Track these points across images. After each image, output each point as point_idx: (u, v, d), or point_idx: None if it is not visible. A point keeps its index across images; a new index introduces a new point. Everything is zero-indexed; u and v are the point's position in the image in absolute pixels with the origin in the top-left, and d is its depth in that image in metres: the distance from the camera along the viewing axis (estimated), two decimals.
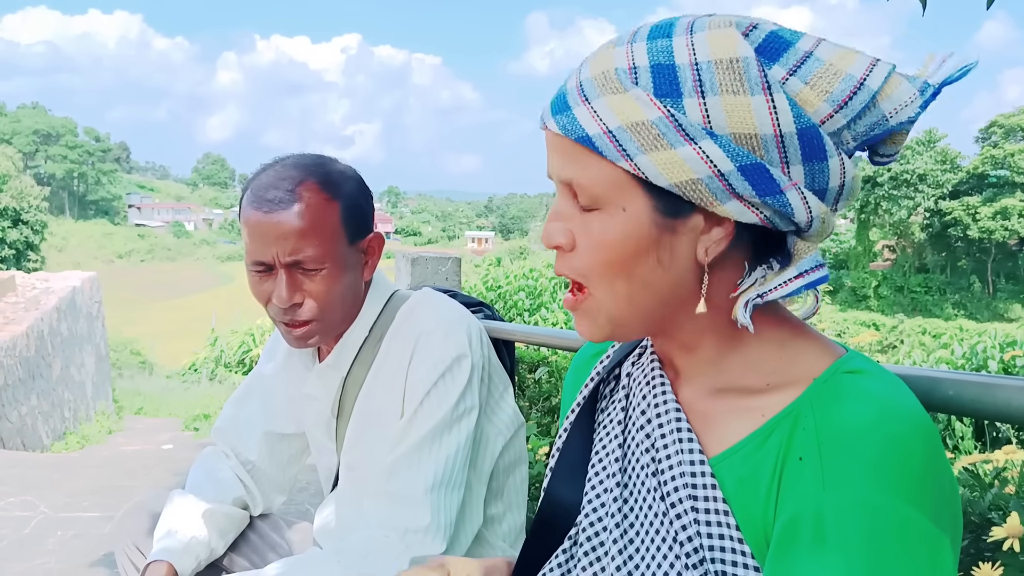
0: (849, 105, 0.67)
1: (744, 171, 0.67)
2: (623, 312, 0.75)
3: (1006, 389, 0.81)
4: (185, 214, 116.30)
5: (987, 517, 1.76)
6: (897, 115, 0.67)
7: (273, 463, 1.60)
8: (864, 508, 0.63)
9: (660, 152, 0.68)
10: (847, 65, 0.67)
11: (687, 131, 0.67)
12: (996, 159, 52.01)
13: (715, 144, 0.67)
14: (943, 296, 53.92)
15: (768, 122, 0.66)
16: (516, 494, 1.50)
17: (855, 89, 0.66)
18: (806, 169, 0.68)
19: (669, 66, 0.68)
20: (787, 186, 0.68)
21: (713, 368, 0.78)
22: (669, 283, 0.73)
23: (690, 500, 0.74)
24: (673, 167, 0.68)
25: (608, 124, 0.69)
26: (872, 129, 0.68)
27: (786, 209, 0.68)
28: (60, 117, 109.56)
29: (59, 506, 4.19)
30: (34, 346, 8.75)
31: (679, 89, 0.67)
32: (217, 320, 19.74)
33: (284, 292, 1.29)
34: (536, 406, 4.39)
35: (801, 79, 0.67)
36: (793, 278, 0.70)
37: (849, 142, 0.69)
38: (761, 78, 0.66)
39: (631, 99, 0.68)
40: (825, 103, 0.67)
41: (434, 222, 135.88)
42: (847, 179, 0.70)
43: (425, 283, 2.87)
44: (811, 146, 0.67)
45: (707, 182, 0.67)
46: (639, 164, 0.68)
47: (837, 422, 0.67)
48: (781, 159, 0.68)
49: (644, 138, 0.68)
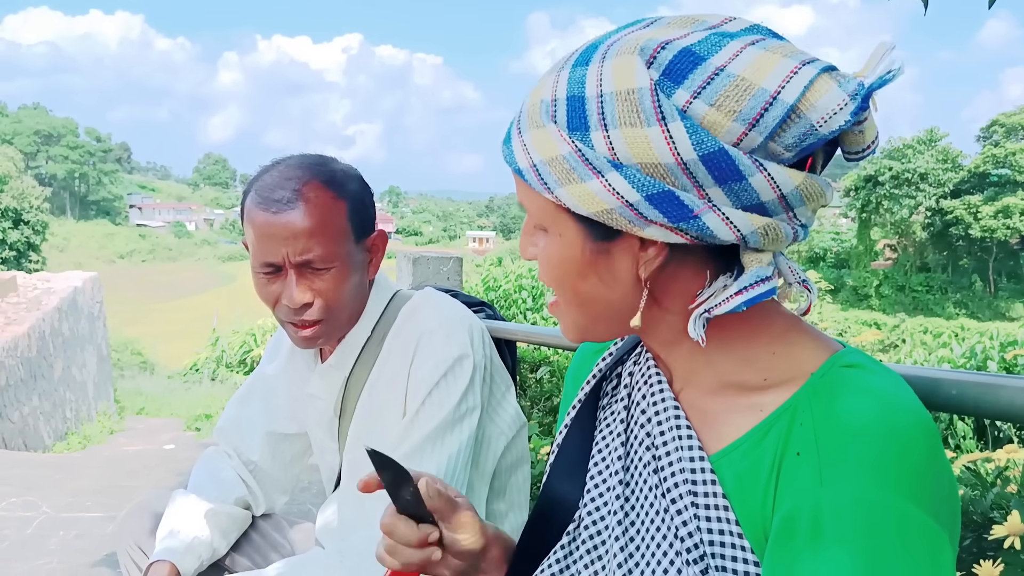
0: (762, 122, 0.65)
1: (652, 199, 0.68)
2: (582, 319, 0.80)
3: (1008, 388, 0.82)
4: (186, 214, 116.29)
5: (989, 516, 1.76)
6: (827, 124, 0.65)
7: (275, 463, 1.60)
8: (862, 503, 0.63)
9: (573, 185, 0.70)
10: (761, 78, 0.64)
11: (594, 164, 0.69)
12: (997, 158, 51.95)
13: (620, 176, 0.68)
14: (944, 295, 53.87)
15: (667, 151, 0.66)
16: (518, 494, 1.51)
17: (767, 105, 0.64)
18: (725, 190, 0.67)
19: (580, 98, 0.70)
20: (701, 209, 0.67)
21: (705, 365, 0.79)
22: (616, 297, 0.76)
23: (690, 496, 0.74)
24: (586, 199, 0.70)
25: (533, 158, 0.73)
26: (803, 139, 0.66)
27: (705, 231, 0.68)
28: (61, 117, 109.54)
29: (61, 506, 4.19)
30: (35, 346, 8.75)
31: (587, 123, 0.69)
32: (218, 320, 19.73)
33: (295, 293, 1.29)
34: (538, 406, 4.40)
35: (706, 101, 0.65)
36: (733, 295, 0.71)
37: (782, 153, 0.67)
38: (655, 109, 0.66)
39: (547, 133, 0.72)
40: (735, 123, 0.65)
41: (435, 222, 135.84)
42: (786, 190, 0.68)
43: (426, 283, 2.87)
44: (720, 169, 0.66)
45: (619, 211, 0.69)
46: (559, 196, 0.72)
47: (834, 417, 0.67)
48: (693, 184, 0.67)
49: (559, 172, 0.71)
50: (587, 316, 0.80)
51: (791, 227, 0.71)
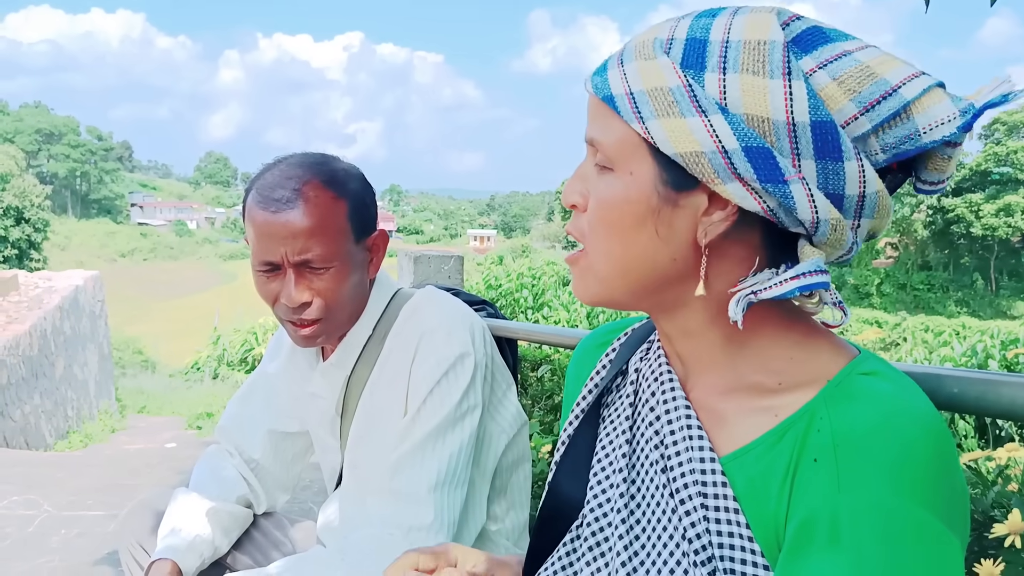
0: (876, 109, 0.65)
1: (749, 152, 0.66)
2: (614, 277, 0.76)
3: (1010, 387, 0.81)
4: (187, 213, 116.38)
5: (989, 514, 1.76)
6: (932, 132, 0.65)
7: (277, 461, 1.60)
8: (879, 510, 0.63)
9: (670, 119, 0.68)
10: (885, 70, 0.65)
11: (700, 103, 0.67)
12: (999, 156, 51.94)
13: (725, 120, 0.66)
14: (946, 293, 53.86)
15: (782, 107, 0.65)
16: (519, 492, 1.51)
17: (886, 93, 0.65)
18: (818, 167, 0.66)
19: (702, 41, 0.68)
20: (792, 177, 0.66)
21: (721, 363, 0.78)
22: (664, 258, 0.73)
23: (700, 497, 0.74)
24: (680, 136, 0.68)
25: (632, 86, 0.70)
26: (903, 143, 0.66)
27: (788, 201, 0.67)
28: (63, 116, 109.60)
29: (63, 505, 4.19)
30: (37, 345, 8.76)
31: (704, 63, 0.68)
32: (220, 318, 19.77)
33: (293, 292, 1.29)
34: (539, 404, 4.40)
35: (830, 74, 0.66)
36: (789, 279, 0.69)
37: (877, 152, 0.67)
38: (783, 63, 0.65)
39: (657, 66, 0.69)
40: (851, 102, 0.65)
41: (436, 220, 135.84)
42: (868, 190, 0.67)
43: (428, 281, 2.87)
44: (824, 141, 0.66)
45: (711, 157, 0.67)
46: (649, 128, 0.69)
47: (853, 424, 0.67)
48: (792, 149, 0.66)
49: (659, 103, 0.69)
50: (623, 273, 0.75)
51: (852, 236, 0.70)
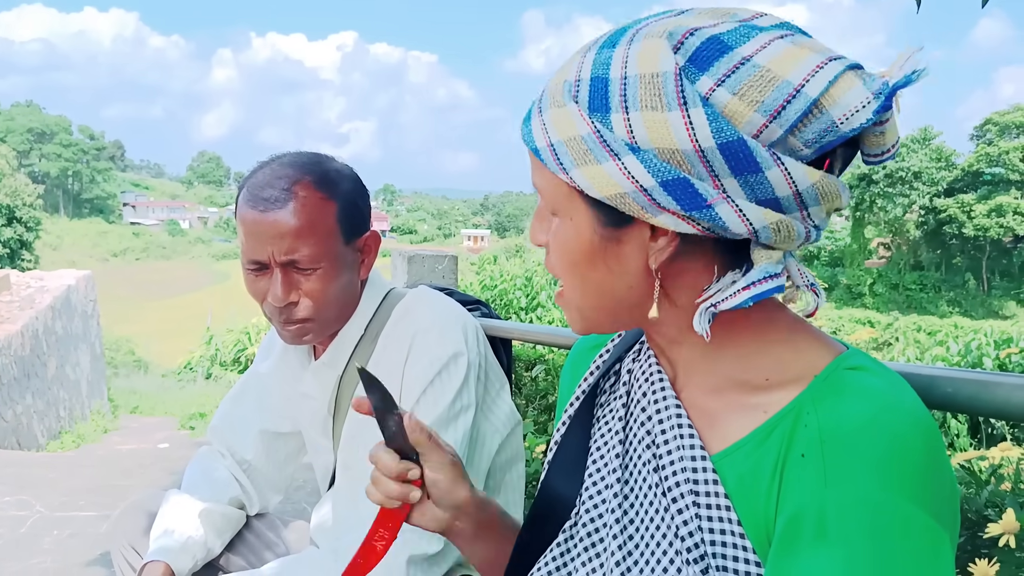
0: (783, 114, 0.64)
1: (666, 186, 0.67)
2: (588, 308, 0.80)
3: (1003, 386, 0.82)
4: (180, 212, 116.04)
5: (983, 514, 1.77)
6: (849, 121, 0.65)
7: (269, 462, 1.60)
8: (866, 505, 0.63)
9: (589, 167, 0.70)
10: (786, 71, 0.64)
11: (611, 147, 0.68)
12: (991, 156, 52.16)
13: (637, 160, 0.67)
14: (938, 293, 54.07)
15: (686, 138, 0.65)
16: (513, 491, 1.50)
17: (789, 97, 0.64)
18: (740, 181, 0.66)
19: (604, 79, 0.69)
20: (715, 199, 0.66)
21: (708, 365, 0.79)
22: (623, 287, 0.76)
23: (692, 495, 0.74)
24: (600, 181, 0.69)
25: (551, 137, 0.72)
26: (824, 136, 0.65)
27: (716, 222, 0.67)
28: (54, 115, 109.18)
29: (55, 505, 4.18)
30: (29, 345, 8.72)
31: (608, 104, 0.68)
32: (212, 318, 19.70)
33: (280, 291, 1.28)
34: (533, 404, 4.39)
35: (729, 90, 0.64)
36: (740, 290, 0.70)
37: (801, 148, 0.66)
38: (678, 93, 0.65)
39: (567, 113, 0.71)
40: (756, 113, 0.64)
41: (430, 220, 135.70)
42: (802, 187, 0.67)
43: (421, 281, 2.87)
44: (737, 160, 0.65)
45: (633, 196, 0.68)
46: (573, 177, 0.71)
47: (839, 419, 0.67)
48: (709, 173, 0.66)
49: (576, 152, 0.70)
50: (594, 306, 0.79)
51: (804, 226, 0.70)
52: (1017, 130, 53.45)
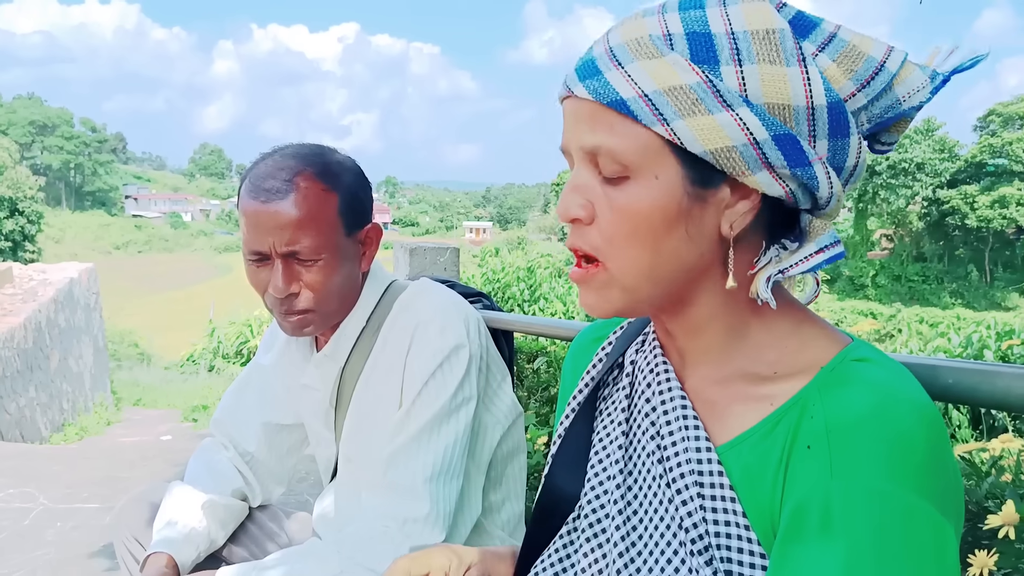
0: (871, 85, 0.69)
1: (778, 140, 0.67)
2: (641, 285, 0.74)
3: (1005, 377, 0.82)
4: (182, 205, 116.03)
5: (983, 505, 1.77)
6: (910, 99, 0.70)
7: (272, 454, 1.60)
8: (871, 496, 0.63)
9: (698, 118, 0.67)
10: (868, 48, 0.69)
11: (725, 98, 0.67)
12: (994, 148, 52.01)
13: (751, 112, 0.67)
14: (940, 285, 53.98)
15: (802, 93, 0.67)
16: (515, 483, 1.51)
17: (876, 70, 0.68)
18: (830, 144, 0.70)
19: (705, 34, 0.68)
20: (814, 159, 0.69)
21: (718, 355, 0.78)
22: (693, 256, 0.73)
23: (696, 487, 0.74)
24: (710, 133, 0.67)
25: (644, 88, 0.68)
26: (886, 112, 0.70)
27: (812, 182, 0.70)
28: (56, 108, 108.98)
29: (58, 498, 4.19)
30: (32, 338, 8.73)
31: (716, 56, 0.67)
32: (215, 311, 19.74)
33: (280, 282, 1.28)
34: (534, 396, 4.39)
35: (829, 56, 0.68)
36: (813, 253, 0.72)
37: (864, 124, 0.71)
38: (797, 50, 0.67)
39: (668, 64, 0.68)
40: (850, 81, 0.68)
41: (432, 212, 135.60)
42: (861, 159, 0.72)
43: (423, 273, 2.87)
44: (837, 121, 0.69)
45: (742, 150, 0.67)
46: (675, 129, 0.68)
47: (845, 411, 0.67)
48: (809, 132, 0.69)
49: (682, 103, 0.67)
50: (652, 279, 0.73)
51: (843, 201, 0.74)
52: (1021, 121, 53.27)
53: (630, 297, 0.75)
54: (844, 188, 0.73)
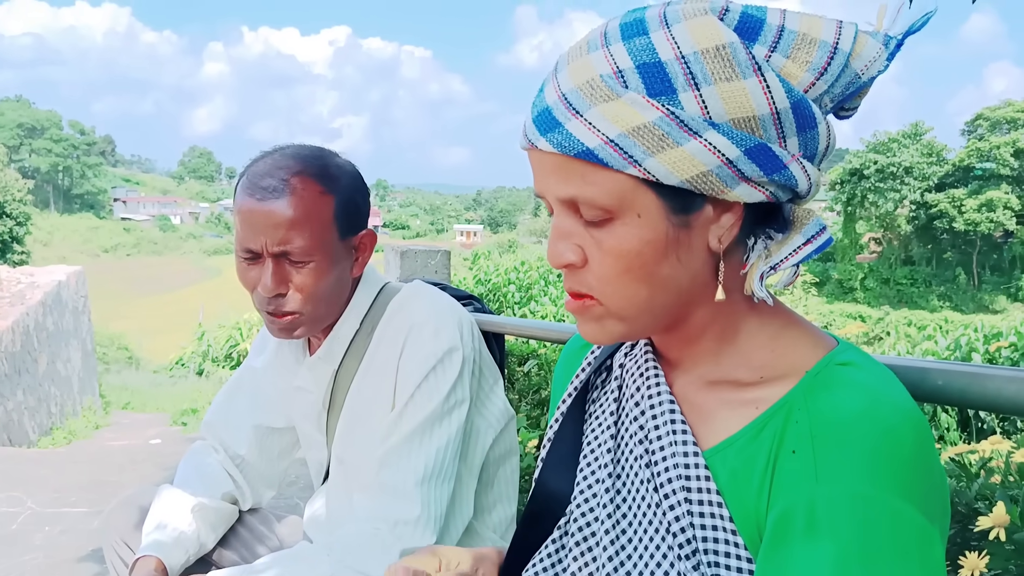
0: (828, 71, 0.69)
1: (750, 154, 0.68)
2: (640, 316, 0.75)
3: (994, 379, 0.82)
4: (171, 208, 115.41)
5: (973, 507, 1.77)
6: (868, 70, 0.70)
7: (263, 457, 1.59)
8: (856, 500, 0.63)
9: (667, 152, 0.67)
10: (818, 32, 0.69)
11: (689, 126, 0.67)
12: (982, 152, 52.28)
13: (718, 133, 0.67)
14: (929, 288, 54.23)
15: (764, 102, 0.67)
16: (507, 486, 1.51)
17: (831, 54, 0.69)
18: (800, 140, 0.70)
19: (656, 64, 0.67)
20: (789, 160, 0.69)
21: (709, 361, 0.79)
22: (687, 279, 0.73)
23: (683, 491, 0.74)
24: (683, 164, 0.67)
25: (608, 134, 0.67)
26: (847, 89, 0.71)
27: (791, 182, 0.70)
28: (45, 110, 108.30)
29: (46, 502, 4.16)
30: (19, 341, 8.68)
31: (672, 85, 0.66)
32: (204, 314, 19.67)
33: (269, 281, 1.28)
34: (526, 399, 4.39)
35: (782, 54, 0.69)
36: (802, 245, 0.72)
37: (827, 104, 0.72)
38: (750, 60, 0.67)
39: (626, 104, 0.67)
40: (807, 72, 0.69)
41: (422, 215, 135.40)
42: (832, 139, 0.73)
43: (414, 276, 2.86)
44: (803, 116, 0.69)
45: (717, 172, 0.68)
46: (648, 168, 0.67)
47: (829, 415, 0.67)
48: (778, 135, 0.69)
49: (648, 141, 0.67)
50: (650, 309, 0.74)
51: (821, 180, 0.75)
52: (1008, 125, 53.60)
53: (629, 327, 0.76)
54: (821, 168, 0.74)
